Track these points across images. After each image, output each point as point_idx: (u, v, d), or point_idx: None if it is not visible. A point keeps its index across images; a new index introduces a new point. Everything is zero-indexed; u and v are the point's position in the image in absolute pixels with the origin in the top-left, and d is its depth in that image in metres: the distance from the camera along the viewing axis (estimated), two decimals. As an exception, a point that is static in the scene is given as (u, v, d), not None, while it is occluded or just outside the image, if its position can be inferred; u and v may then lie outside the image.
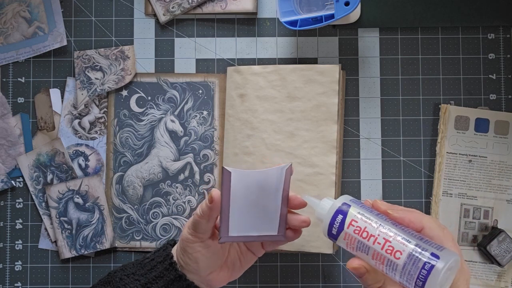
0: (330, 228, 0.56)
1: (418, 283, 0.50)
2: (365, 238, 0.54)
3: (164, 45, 0.81)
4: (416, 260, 0.51)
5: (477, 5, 0.79)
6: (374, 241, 0.53)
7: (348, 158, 0.79)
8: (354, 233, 0.54)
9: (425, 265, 0.50)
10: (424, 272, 0.50)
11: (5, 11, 0.80)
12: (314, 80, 0.75)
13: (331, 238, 0.57)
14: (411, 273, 0.51)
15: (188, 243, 0.64)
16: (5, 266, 0.79)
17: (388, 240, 0.53)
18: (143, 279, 0.66)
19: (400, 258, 0.51)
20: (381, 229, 0.54)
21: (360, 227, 0.54)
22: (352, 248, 0.55)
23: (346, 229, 0.55)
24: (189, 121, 0.79)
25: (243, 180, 0.63)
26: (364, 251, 0.54)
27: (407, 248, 0.52)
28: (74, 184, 0.79)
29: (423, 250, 0.51)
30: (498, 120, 0.78)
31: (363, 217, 0.55)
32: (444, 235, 0.54)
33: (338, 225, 0.56)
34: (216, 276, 0.66)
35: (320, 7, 0.74)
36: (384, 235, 0.53)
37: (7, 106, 0.80)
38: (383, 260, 0.53)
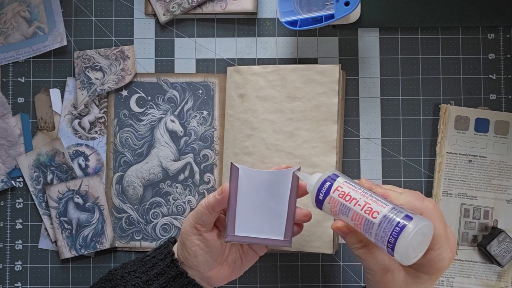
0: (318, 194, 0.59)
1: (390, 240, 0.53)
2: (348, 201, 0.57)
3: (164, 45, 0.81)
4: (390, 220, 0.53)
5: (477, 5, 0.79)
6: (355, 203, 0.56)
7: (348, 158, 0.79)
8: (338, 197, 0.57)
9: (398, 224, 0.53)
10: (397, 229, 0.53)
11: (5, 11, 0.80)
12: (314, 80, 0.75)
13: (317, 205, 0.60)
14: (386, 231, 0.53)
15: (187, 235, 0.65)
16: (5, 266, 0.79)
17: (367, 203, 0.56)
18: (144, 276, 0.66)
19: (376, 217, 0.54)
20: (363, 194, 0.57)
21: (345, 191, 0.57)
22: (335, 212, 0.58)
23: (332, 193, 0.58)
24: (189, 121, 0.79)
25: (251, 178, 0.63)
26: (345, 213, 0.57)
27: (384, 209, 0.55)
28: (74, 184, 0.79)
29: (398, 212, 0.54)
30: (498, 120, 0.78)
31: (349, 185, 0.58)
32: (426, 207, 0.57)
33: (325, 191, 0.58)
34: (216, 273, 0.66)
35: (320, 7, 0.75)
36: (365, 198, 0.56)
37: (7, 106, 0.80)
38: (361, 220, 0.56)
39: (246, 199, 0.63)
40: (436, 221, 0.56)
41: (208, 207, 0.63)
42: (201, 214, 0.64)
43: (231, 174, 0.63)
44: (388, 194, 0.58)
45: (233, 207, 0.63)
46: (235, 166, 0.63)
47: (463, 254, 0.77)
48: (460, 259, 0.77)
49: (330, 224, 0.73)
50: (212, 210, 0.63)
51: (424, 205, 0.57)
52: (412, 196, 0.58)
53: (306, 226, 0.72)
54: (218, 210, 0.64)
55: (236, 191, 0.63)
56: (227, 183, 0.63)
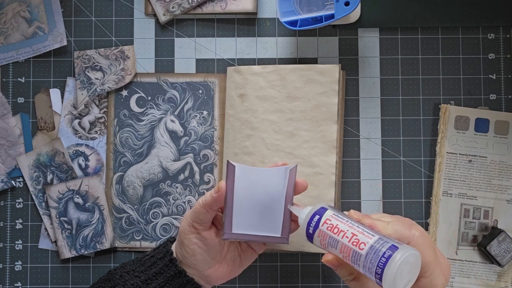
0: (308, 228, 0.60)
1: (377, 271, 0.53)
2: (336, 233, 0.58)
3: (164, 45, 0.81)
4: (377, 250, 0.54)
5: (477, 5, 0.79)
6: (343, 236, 0.57)
7: (348, 158, 0.79)
8: (327, 230, 0.58)
9: (384, 254, 0.53)
10: (383, 260, 0.53)
11: (5, 11, 0.80)
12: (314, 80, 0.75)
13: (308, 239, 0.60)
14: (372, 262, 0.54)
15: (185, 234, 0.65)
16: (5, 266, 0.79)
17: (355, 234, 0.56)
18: (143, 275, 0.66)
19: (363, 249, 0.55)
20: (351, 225, 0.57)
21: (333, 224, 0.58)
22: (324, 244, 0.59)
23: (321, 227, 0.59)
24: (189, 121, 0.79)
25: (248, 176, 0.64)
26: (334, 245, 0.58)
27: (370, 240, 0.55)
28: (74, 184, 0.79)
29: (385, 242, 0.55)
30: (498, 120, 0.78)
31: (337, 217, 0.59)
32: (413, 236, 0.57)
33: (315, 224, 0.59)
34: (215, 271, 0.67)
35: (320, 7, 0.75)
36: (352, 230, 0.57)
37: (7, 106, 0.80)
38: (349, 252, 0.56)
39: (243, 196, 0.64)
40: (424, 248, 0.56)
41: (206, 205, 0.63)
42: (199, 212, 0.64)
43: (228, 172, 0.63)
44: (376, 224, 0.58)
45: (230, 204, 0.63)
46: (231, 164, 0.64)
47: (463, 254, 0.77)
48: (460, 259, 0.77)
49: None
50: (209, 209, 0.63)
51: (411, 233, 0.57)
52: (399, 225, 0.58)
53: (306, 226, 0.72)
54: (216, 208, 0.64)
55: (233, 189, 0.63)
56: (224, 181, 0.63)
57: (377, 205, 0.78)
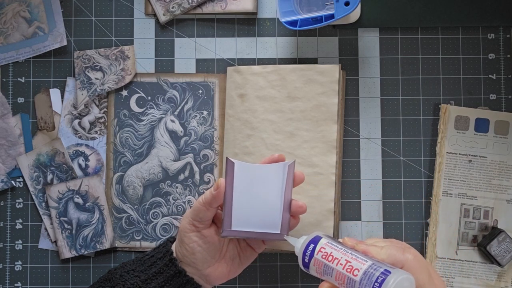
0: (304, 257, 0.60)
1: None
2: (330, 261, 0.58)
3: (164, 45, 0.81)
4: (370, 276, 0.55)
5: (477, 5, 0.79)
6: (337, 263, 0.57)
7: (348, 158, 0.79)
8: (321, 258, 0.59)
9: (378, 279, 0.54)
10: (376, 285, 0.54)
11: (5, 11, 0.80)
12: (314, 80, 0.75)
13: (304, 268, 0.61)
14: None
15: (185, 232, 0.65)
16: (5, 266, 0.79)
17: (348, 261, 0.57)
18: (143, 275, 0.66)
19: (357, 275, 0.55)
20: (344, 253, 0.58)
21: (327, 252, 0.59)
22: (320, 273, 0.59)
23: (316, 255, 0.59)
24: (189, 121, 0.79)
25: (247, 172, 0.64)
26: (329, 273, 0.58)
27: (363, 266, 0.56)
28: (74, 184, 0.79)
29: (378, 267, 0.55)
30: (498, 120, 0.78)
31: (331, 245, 0.59)
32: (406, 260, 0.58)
33: (310, 253, 0.60)
34: (214, 271, 0.67)
35: (320, 7, 0.75)
36: (346, 257, 0.57)
37: (7, 106, 0.80)
38: (344, 279, 0.57)
39: (242, 193, 0.64)
40: (418, 271, 0.57)
41: (205, 203, 0.64)
42: (199, 210, 0.64)
43: (227, 169, 0.64)
44: (369, 250, 0.58)
45: (229, 202, 0.63)
46: (230, 160, 0.64)
47: (463, 254, 0.77)
48: (460, 259, 0.77)
49: (330, 224, 0.73)
50: (209, 206, 0.64)
51: (404, 257, 0.58)
52: (393, 249, 0.59)
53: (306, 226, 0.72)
54: (215, 206, 0.64)
55: (232, 186, 0.64)
56: (222, 178, 0.63)
57: (377, 205, 0.78)
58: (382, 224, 0.78)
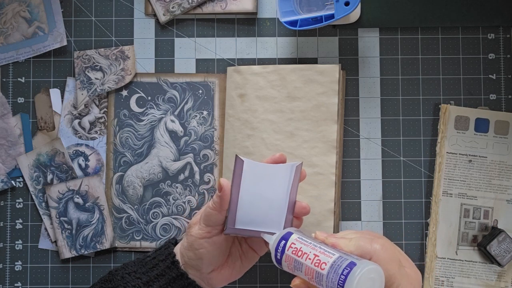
0: (276, 253, 0.60)
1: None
2: (300, 256, 0.58)
3: (164, 45, 0.81)
4: (337, 268, 0.54)
5: (477, 5, 0.79)
6: (306, 258, 0.57)
7: (348, 158, 0.79)
8: (292, 253, 0.59)
9: (343, 272, 0.53)
10: (342, 277, 0.53)
11: (5, 11, 0.80)
12: (314, 80, 0.75)
13: (278, 265, 0.61)
14: (333, 281, 0.54)
15: (196, 238, 0.65)
16: (5, 266, 0.79)
17: (316, 255, 0.56)
18: (144, 277, 0.66)
19: (324, 269, 0.55)
20: (313, 247, 0.58)
21: (297, 248, 0.58)
22: (291, 268, 0.59)
23: (286, 251, 0.59)
24: (189, 121, 0.79)
25: (254, 171, 0.64)
26: (299, 269, 0.58)
27: (330, 259, 0.55)
28: (74, 184, 0.79)
29: (344, 260, 0.55)
30: (498, 120, 0.78)
31: (301, 240, 0.59)
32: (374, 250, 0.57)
33: (281, 250, 0.60)
34: (217, 274, 0.67)
35: (320, 7, 0.75)
36: (314, 251, 0.57)
37: (7, 106, 0.80)
38: (312, 273, 0.56)
39: (248, 192, 0.64)
40: (387, 261, 0.56)
41: (215, 207, 0.63)
42: (210, 215, 0.64)
43: (236, 166, 0.63)
44: (338, 243, 0.58)
45: (235, 199, 0.63)
46: (240, 158, 0.63)
47: (463, 254, 0.77)
48: (460, 259, 0.77)
49: (330, 224, 0.73)
50: (220, 209, 0.63)
51: (372, 248, 0.57)
52: (361, 241, 0.58)
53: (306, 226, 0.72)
54: (225, 206, 0.64)
55: (239, 183, 0.63)
56: (223, 179, 0.63)
57: (377, 205, 0.78)
58: (382, 224, 0.78)
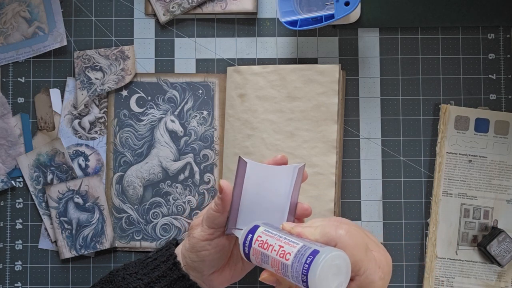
0: (244, 248, 0.59)
1: (303, 279, 0.52)
2: (265, 248, 0.57)
3: (164, 45, 0.81)
4: (300, 257, 0.53)
5: (477, 5, 0.79)
6: (272, 250, 0.56)
7: (348, 158, 0.79)
8: (258, 246, 0.58)
9: (307, 261, 0.52)
10: (306, 266, 0.52)
11: (5, 11, 0.80)
12: (314, 80, 0.75)
13: (247, 259, 0.60)
14: (298, 270, 0.53)
15: (199, 240, 0.64)
16: (5, 266, 0.79)
17: (281, 246, 0.56)
18: (146, 278, 0.66)
19: (289, 259, 0.54)
20: (278, 238, 0.57)
21: (263, 240, 0.58)
22: (259, 262, 0.58)
23: (253, 245, 0.58)
24: (189, 121, 0.79)
25: (257, 172, 0.63)
26: (265, 261, 0.57)
27: (294, 249, 0.54)
28: (74, 184, 0.79)
29: (307, 249, 0.53)
30: (498, 120, 0.78)
31: (267, 233, 0.58)
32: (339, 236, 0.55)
33: (248, 243, 0.59)
34: (218, 276, 0.67)
35: (320, 7, 0.75)
36: (280, 242, 0.56)
37: (7, 106, 0.80)
38: (278, 265, 0.55)
39: (251, 193, 0.63)
40: (352, 247, 0.55)
41: (218, 209, 0.63)
42: (214, 217, 0.63)
43: (239, 167, 0.63)
44: (303, 232, 0.57)
45: (236, 200, 0.63)
46: (243, 160, 0.63)
47: (463, 254, 0.77)
48: (460, 259, 0.77)
49: (330, 224, 0.73)
50: (223, 210, 0.63)
51: (337, 234, 0.56)
52: (326, 228, 0.56)
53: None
54: (227, 208, 0.63)
55: (242, 184, 0.63)
56: (224, 180, 0.63)
57: (377, 205, 0.78)
58: (382, 224, 0.78)
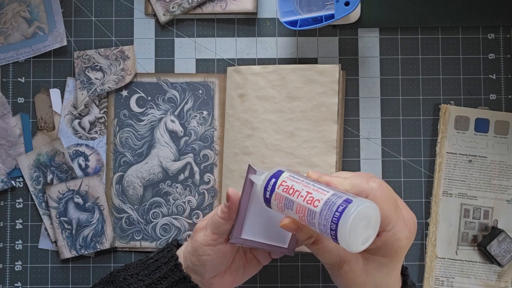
0: (265, 192, 0.57)
1: (332, 227, 0.50)
2: (291, 194, 0.55)
3: (164, 45, 0.81)
4: (331, 205, 0.51)
5: (477, 5, 0.79)
6: (298, 195, 0.54)
7: (348, 158, 0.79)
8: (282, 191, 0.56)
9: (338, 209, 0.50)
10: (337, 214, 0.50)
11: (5, 11, 0.80)
12: (314, 80, 0.75)
13: (266, 204, 0.58)
14: (327, 218, 0.51)
15: (202, 245, 0.64)
16: (5, 266, 0.79)
17: (309, 192, 0.53)
18: (147, 279, 0.66)
19: (318, 206, 0.52)
20: (306, 184, 0.55)
21: (288, 185, 0.56)
22: (281, 207, 0.56)
23: (277, 189, 0.56)
24: (189, 121, 0.79)
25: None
26: (289, 207, 0.55)
27: (325, 196, 0.52)
28: (74, 184, 0.79)
29: (339, 197, 0.51)
30: (498, 120, 0.78)
31: (293, 178, 0.56)
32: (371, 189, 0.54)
33: (271, 188, 0.57)
34: (219, 280, 0.66)
35: (320, 7, 0.75)
36: (307, 189, 0.54)
37: (7, 106, 0.80)
38: (304, 211, 0.53)
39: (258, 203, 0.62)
40: (383, 201, 0.53)
41: (224, 216, 0.62)
42: (219, 224, 0.63)
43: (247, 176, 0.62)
44: (332, 181, 0.55)
45: (243, 209, 0.62)
46: (252, 168, 0.62)
47: (463, 254, 0.77)
48: (460, 259, 0.77)
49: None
50: (228, 218, 0.62)
51: (369, 186, 0.54)
52: (356, 179, 0.55)
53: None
54: (233, 216, 0.62)
55: (250, 194, 0.62)
56: (232, 188, 0.62)
57: (377, 205, 0.78)
58: (382, 224, 0.78)
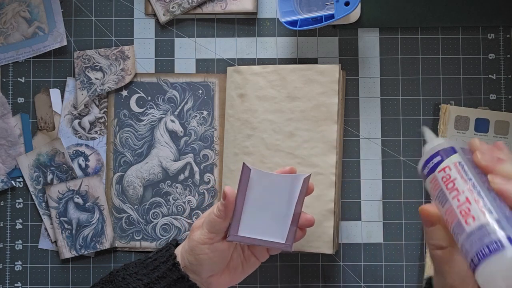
0: (424, 166, 0.49)
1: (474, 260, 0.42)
2: (449, 189, 0.46)
3: (164, 45, 0.81)
4: (484, 234, 0.42)
5: (477, 5, 0.79)
6: (455, 196, 0.45)
7: (348, 158, 0.79)
8: (441, 180, 0.47)
9: (491, 245, 0.41)
10: (485, 251, 0.41)
11: (5, 11, 0.80)
12: (314, 80, 0.75)
13: (422, 175, 0.50)
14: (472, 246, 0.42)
15: (198, 243, 0.64)
16: (5, 266, 0.79)
17: (469, 201, 0.44)
18: (145, 278, 0.66)
19: (470, 225, 0.43)
20: (470, 187, 0.45)
21: (450, 176, 0.47)
22: (433, 195, 0.48)
23: (437, 173, 0.48)
24: (189, 121, 0.79)
25: (261, 180, 0.63)
26: (441, 201, 0.47)
27: (483, 218, 0.43)
28: (74, 184, 0.79)
29: (500, 228, 0.41)
30: (498, 120, 0.78)
31: (460, 168, 0.47)
32: None
33: (432, 166, 0.48)
34: (217, 279, 0.67)
35: (320, 7, 0.75)
36: (468, 194, 0.45)
37: (7, 106, 0.80)
38: (453, 219, 0.45)
39: (254, 200, 0.63)
40: None
41: (220, 215, 0.63)
42: (215, 222, 0.63)
43: (242, 174, 0.62)
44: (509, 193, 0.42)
45: (239, 207, 0.63)
46: (247, 166, 0.62)
47: (463, 254, 0.77)
48: (460, 259, 0.77)
49: (330, 224, 0.73)
50: (225, 217, 0.63)
51: None
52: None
53: (306, 226, 0.72)
54: (230, 214, 0.63)
55: (245, 192, 0.62)
56: (228, 186, 0.63)
57: (377, 205, 0.78)
58: (382, 224, 0.78)
